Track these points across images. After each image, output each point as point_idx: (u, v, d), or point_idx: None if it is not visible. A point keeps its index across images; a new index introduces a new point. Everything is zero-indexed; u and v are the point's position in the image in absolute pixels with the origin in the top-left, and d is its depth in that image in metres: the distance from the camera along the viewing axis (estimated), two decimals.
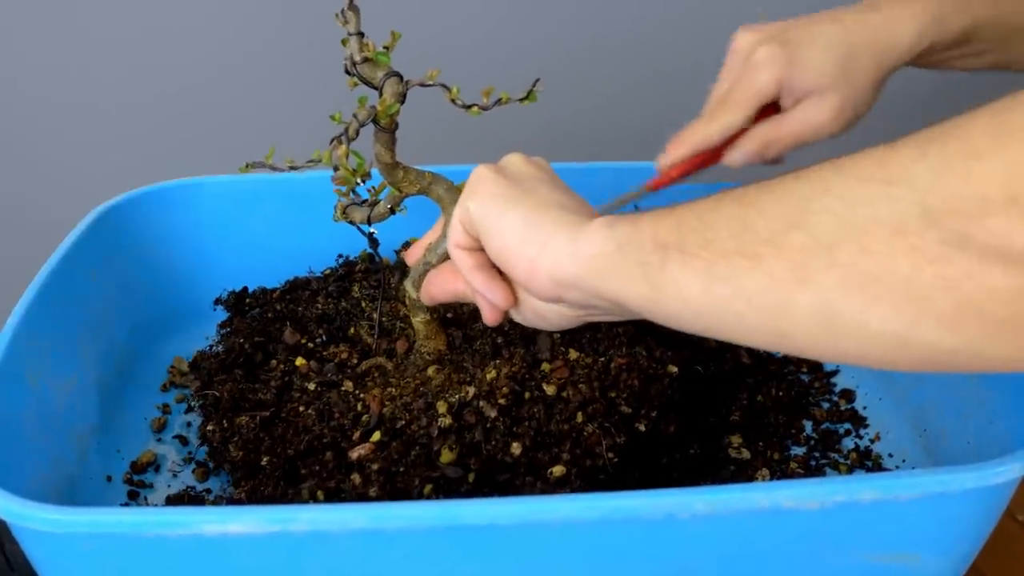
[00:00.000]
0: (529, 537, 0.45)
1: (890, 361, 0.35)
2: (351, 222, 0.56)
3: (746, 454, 0.62)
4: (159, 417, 0.66)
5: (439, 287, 0.54)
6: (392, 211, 0.56)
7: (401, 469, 0.53)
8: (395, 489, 0.52)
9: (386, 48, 0.52)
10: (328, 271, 0.75)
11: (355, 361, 0.63)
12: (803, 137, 0.60)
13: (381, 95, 0.52)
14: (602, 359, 0.59)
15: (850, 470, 0.62)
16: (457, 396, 0.57)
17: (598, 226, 0.43)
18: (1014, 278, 0.30)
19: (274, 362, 0.64)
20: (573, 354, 0.60)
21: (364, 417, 0.56)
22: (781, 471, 0.61)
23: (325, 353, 0.64)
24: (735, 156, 0.62)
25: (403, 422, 0.56)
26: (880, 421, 0.67)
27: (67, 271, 0.63)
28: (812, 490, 0.44)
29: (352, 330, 0.67)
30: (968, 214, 0.30)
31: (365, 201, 0.56)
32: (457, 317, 0.65)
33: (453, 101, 0.52)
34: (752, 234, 0.36)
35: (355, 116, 0.51)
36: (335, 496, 0.52)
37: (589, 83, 1.07)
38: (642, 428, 0.56)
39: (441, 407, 0.56)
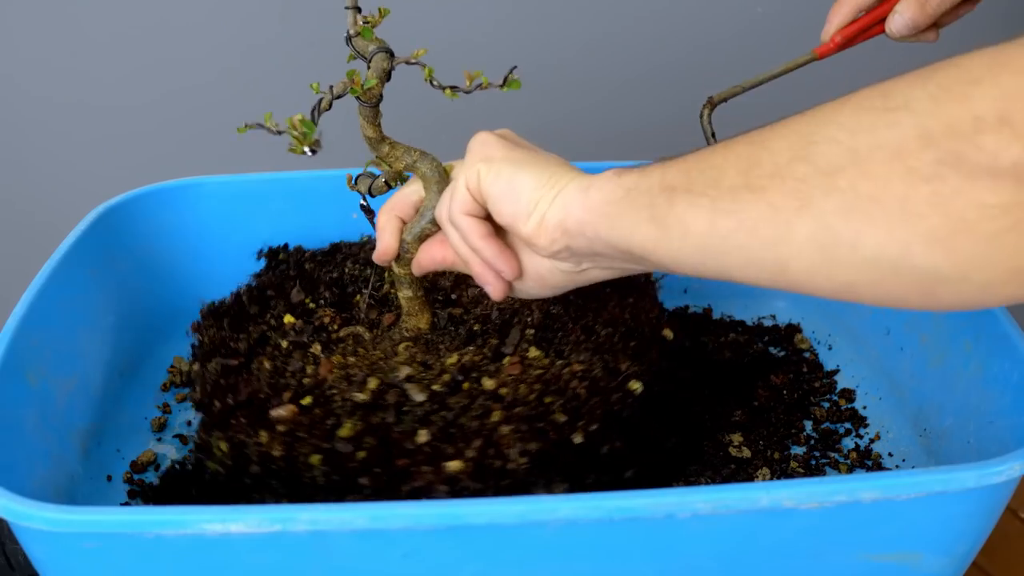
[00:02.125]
0: (529, 536, 0.45)
1: (882, 291, 0.36)
2: (358, 191, 0.58)
3: (746, 452, 0.62)
4: (159, 417, 0.66)
5: (427, 255, 0.55)
6: (389, 185, 0.57)
7: (301, 435, 0.53)
8: (290, 454, 0.53)
9: (367, 22, 0.52)
10: (366, 238, 0.75)
11: (336, 327, 0.63)
12: None
13: (369, 69, 0.53)
14: (560, 362, 0.58)
15: (850, 470, 0.62)
16: (393, 375, 0.56)
17: (608, 175, 0.45)
18: (1001, 193, 0.31)
19: (268, 315, 0.65)
20: (533, 352, 0.58)
21: (306, 380, 0.57)
22: (781, 471, 0.61)
23: (317, 315, 0.65)
24: (896, 22, 0.63)
25: (334, 391, 0.56)
26: (880, 421, 0.67)
27: (67, 271, 0.63)
28: (812, 489, 0.44)
29: (358, 297, 0.67)
30: (963, 134, 0.31)
31: (366, 174, 0.57)
32: (447, 298, 0.65)
33: (430, 82, 0.52)
34: (758, 169, 0.37)
35: (331, 88, 0.52)
36: (237, 448, 0.54)
37: (589, 83, 1.07)
38: (577, 440, 0.53)
39: (372, 383, 0.56)
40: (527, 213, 0.47)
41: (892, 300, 0.36)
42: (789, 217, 0.36)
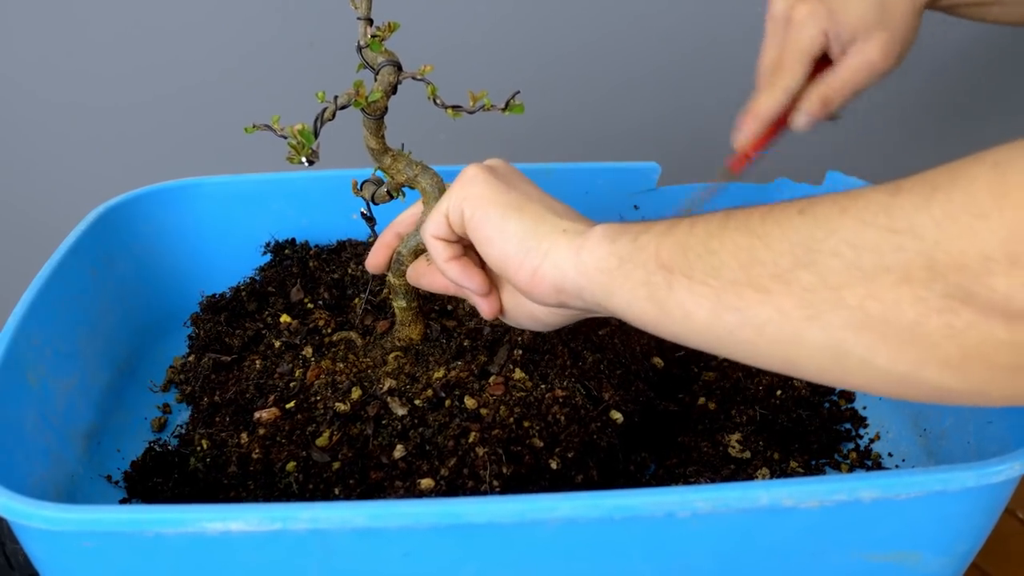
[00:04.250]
0: (529, 535, 0.45)
1: (897, 395, 0.36)
2: (362, 197, 0.58)
3: (747, 454, 0.62)
4: (159, 417, 0.66)
5: (428, 279, 0.56)
6: (391, 196, 0.57)
7: (280, 440, 0.54)
8: (267, 458, 0.53)
9: (376, 36, 0.52)
10: (372, 239, 0.75)
11: (330, 330, 0.63)
12: (859, 81, 0.62)
13: (375, 81, 0.53)
14: (543, 386, 0.57)
15: (850, 469, 0.62)
16: (377, 387, 0.57)
17: (599, 238, 0.44)
18: (1016, 333, 0.31)
19: (266, 313, 0.65)
20: (518, 374, 0.58)
21: (292, 383, 0.57)
22: (781, 470, 0.61)
23: (313, 317, 0.65)
24: (800, 119, 0.63)
25: (318, 398, 0.56)
26: (880, 421, 0.67)
27: (67, 271, 0.63)
28: (812, 489, 0.44)
29: (356, 300, 0.67)
30: (972, 271, 0.31)
31: (374, 180, 0.58)
32: (443, 308, 0.65)
33: (433, 100, 0.52)
34: (760, 267, 0.37)
35: (335, 98, 0.52)
36: (218, 447, 0.54)
37: (589, 83, 1.07)
38: (553, 466, 0.54)
39: (355, 393, 0.56)
40: (517, 264, 0.46)
41: (912, 400, 0.37)
42: (798, 325, 0.36)
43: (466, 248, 0.52)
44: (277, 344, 0.61)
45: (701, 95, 1.09)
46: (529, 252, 0.45)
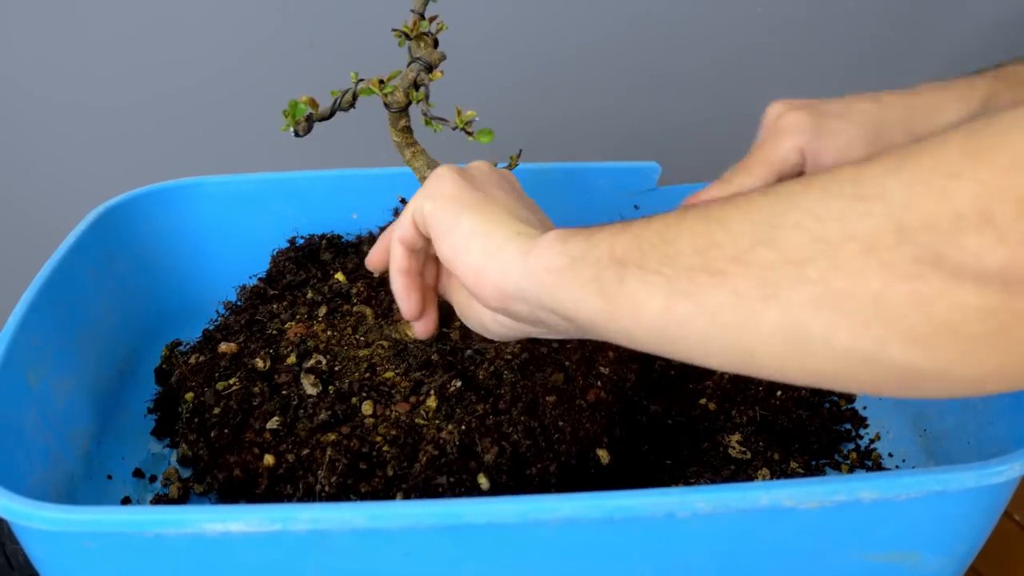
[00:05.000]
0: (529, 536, 0.45)
1: (856, 382, 0.34)
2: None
3: (747, 455, 0.62)
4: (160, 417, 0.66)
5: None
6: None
7: (205, 371, 0.59)
8: (184, 384, 0.61)
9: (406, 33, 0.53)
10: None
11: (358, 300, 0.65)
12: None
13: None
14: (438, 422, 0.55)
15: (850, 470, 0.62)
16: (313, 362, 0.59)
17: (551, 240, 0.42)
18: (986, 296, 0.29)
19: (328, 268, 0.70)
20: (431, 402, 0.56)
21: (273, 331, 0.63)
22: (781, 471, 0.61)
23: (358, 284, 0.68)
24: None
25: (270, 351, 0.61)
26: (880, 421, 0.67)
27: (67, 271, 0.63)
28: (812, 489, 0.44)
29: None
30: (942, 231, 0.29)
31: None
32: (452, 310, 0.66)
33: (424, 113, 0.53)
34: (717, 250, 0.35)
35: (357, 84, 0.54)
36: (198, 399, 0.58)
37: (590, 83, 1.07)
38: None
39: (291, 359, 0.60)
40: (464, 262, 0.45)
41: (867, 390, 0.35)
42: (754, 306, 0.34)
43: (429, 258, 0.53)
44: (310, 295, 0.66)
45: (701, 95, 1.09)
46: (477, 251, 0.45)
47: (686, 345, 0.37)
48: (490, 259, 0.44)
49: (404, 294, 0.52)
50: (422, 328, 0.55)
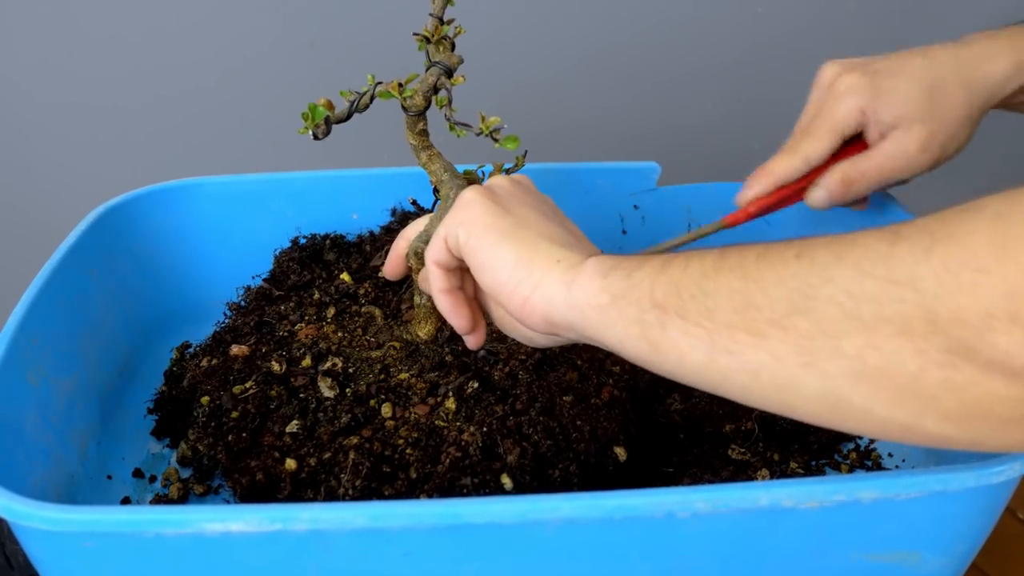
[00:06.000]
0: (530, 536, 0.45)
1: (897, 440, 0.36)
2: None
3: (747, 455, 0.62)
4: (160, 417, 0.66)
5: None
6: (437, 191, 0.57)
7: (220, 374, 0.59)
8: (198, 386, 0.60)
9: (426, 37, 0.54)
10: None
11: (366, 301, 0.65)
12: (887, 173, 0.59)
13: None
14: (459, 424, 0.55)
15: (850, 470, 0.62)
16: (328, 364, 0.59)
17: (591, 273, 0.43)
18: (1016, 388, 0.31)
19: (333, 269, 0.70)
20: (450, 404, 0.56)
21: (283, 333, 0.63)
22: (781, 471, 0.61)
23: (365, 284, 0.68)
24: (817, 194, 0.60)
25: (284, 353, 0.61)
26: None
27: (67, 271, 0.63)
28: (812, 489, 0.44)
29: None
30: (973, 327, 0.31)
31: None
32: None
33: (447, 119, 0.52)
34: (755, 311, 0.37)
35: (375, 86, 0.54)
36: (215, 402, 0.58)
37: (590, 83, 1.07)
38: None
39: (306, 361, 0.59)
40: (509, 292, 0.46)
41: (905, 444, 0.38)
42: (794, 371, 0.36)
43: (464, 272, 0.52)
44: (316, 296, 0.65)
45: (701, 95, 1.09)
46: (521, 282, 0.45)
47: (729, 392, 0.39)
48: (535, 292, 0.45)
49: (452, 312, 0.52)
50: (474, 340, 0.53)
